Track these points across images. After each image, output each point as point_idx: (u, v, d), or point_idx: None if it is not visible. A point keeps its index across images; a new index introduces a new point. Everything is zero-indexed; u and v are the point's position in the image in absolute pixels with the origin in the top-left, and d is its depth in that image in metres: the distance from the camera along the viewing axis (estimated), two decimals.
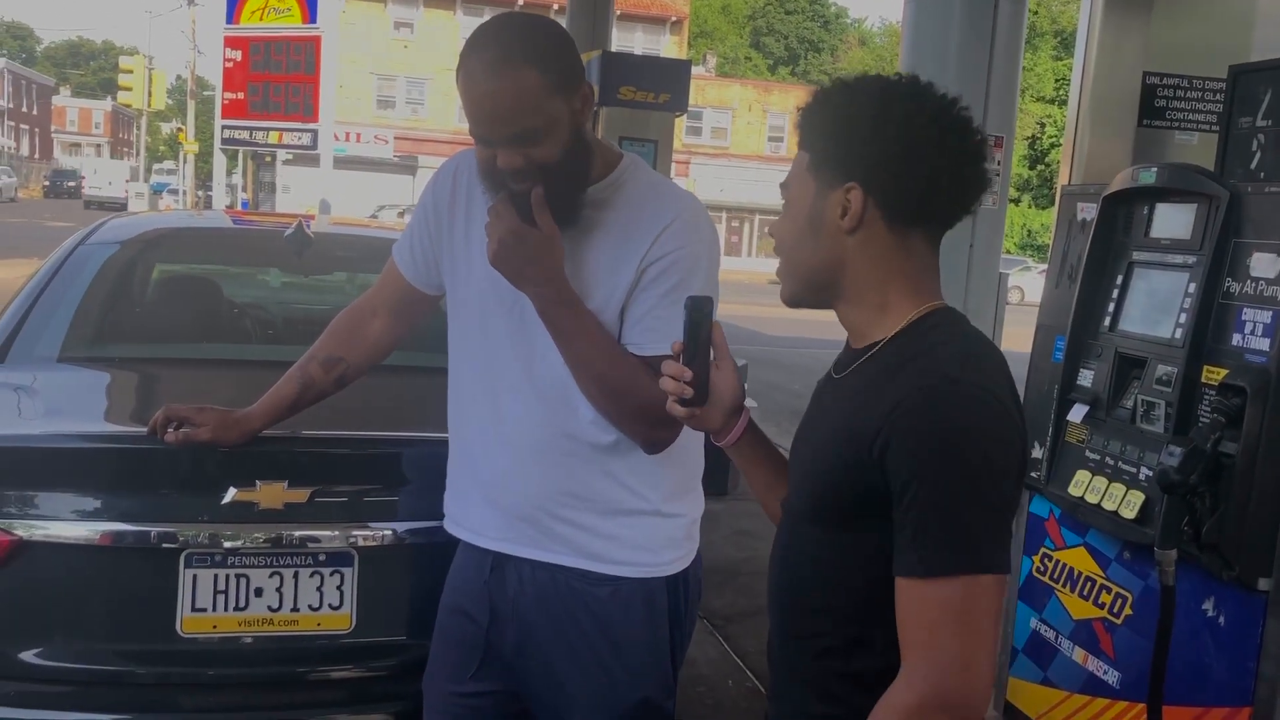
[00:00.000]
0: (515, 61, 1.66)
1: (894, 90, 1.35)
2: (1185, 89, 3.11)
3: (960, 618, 1.21)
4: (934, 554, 1.22)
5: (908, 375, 1.28)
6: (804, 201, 1.37)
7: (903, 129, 1.30)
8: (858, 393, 1.33)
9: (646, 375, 1.75)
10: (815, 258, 1.37)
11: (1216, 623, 2.35)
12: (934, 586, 1.22)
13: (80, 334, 2.87)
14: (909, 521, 1.23)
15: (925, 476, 1.22)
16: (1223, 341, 2.33)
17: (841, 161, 1.33)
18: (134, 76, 29.03)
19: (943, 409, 1.23)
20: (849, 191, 1.32)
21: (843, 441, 1.31)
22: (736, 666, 4.00)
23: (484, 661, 1.90)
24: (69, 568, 2.11)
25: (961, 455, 1.22)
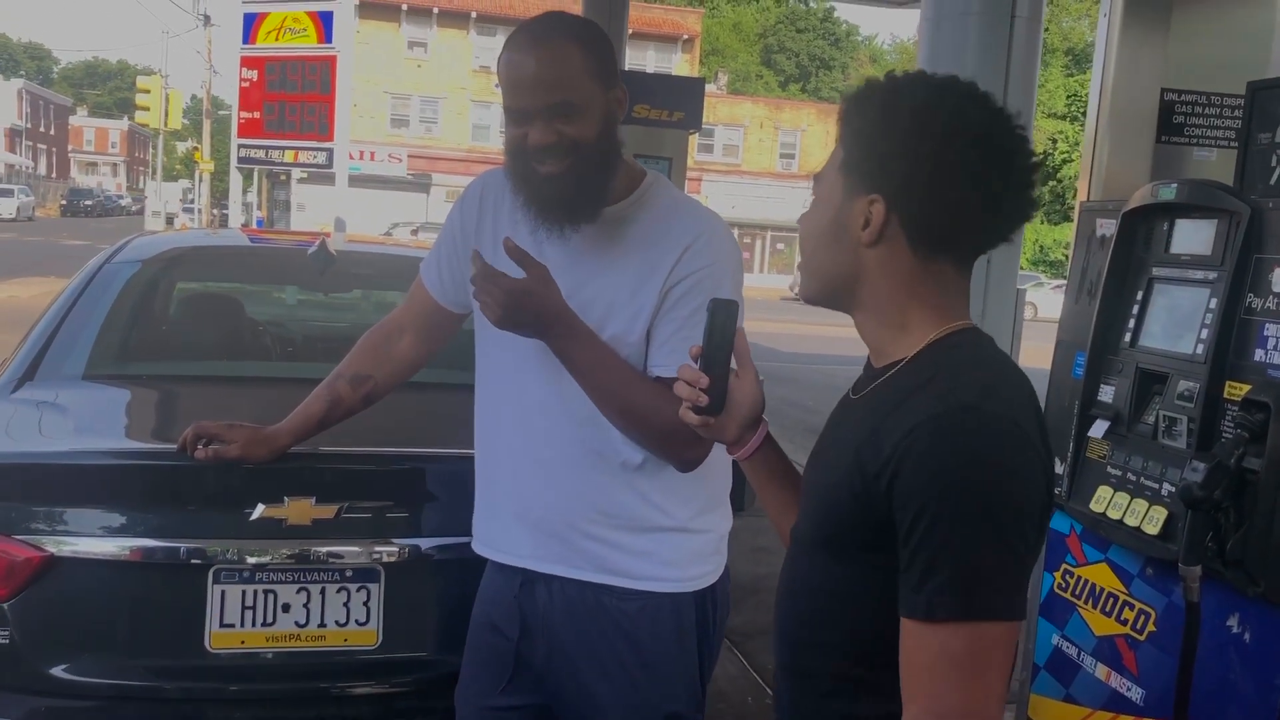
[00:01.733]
0: (557, 37, 1.73)
1: (941, 99, 1.23)
2: (1203, 105, 3.11)
3: (965, 667, 1.13)
4: (941, 597, 1.12)
5: (922, 401, 1.18)
6: (831, 202, 1.29)
7: (939, 148, 1.20)
8: (870, 417, 1.24)
9: (669, 397, 1.75)
10: (834, 263, 1.29)
11: (1242, 639, 2.34)
12: (939, 631, 1.13)
13: (106, 351, 2.90)
14: (917, 560, 1.14)
15: (935, 512, 1.12)
16: (1245, 357, 2.33)
17: (869, 170, 1.24)
18: (151, 96, 29.25)
19: (957, 439, 1.14)
20: (873, 203, 1.23)
21: (852, 469, 1.21)
22: (755, 683, 4.00)
23: (515, 675, 1.92)
24: (99, 583, 2.13)
25: (976, 490, 1.12)
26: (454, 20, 37.83)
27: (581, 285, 1.80)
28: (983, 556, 1.12)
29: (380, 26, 36.95)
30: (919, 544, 1.14)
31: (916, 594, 1.14)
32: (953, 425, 1.14)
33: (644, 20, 36.96)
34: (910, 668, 1.16)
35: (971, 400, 1.16)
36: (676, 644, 1.88)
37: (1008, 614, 1.14)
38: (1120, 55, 3.10)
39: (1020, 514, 1.14)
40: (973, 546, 1.12)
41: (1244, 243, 2.35)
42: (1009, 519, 1.13)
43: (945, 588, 1.12)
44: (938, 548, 1.12)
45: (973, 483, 1.12)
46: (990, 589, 1.13)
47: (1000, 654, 1.14)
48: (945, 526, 1.12)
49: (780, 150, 42.26)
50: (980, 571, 1.12)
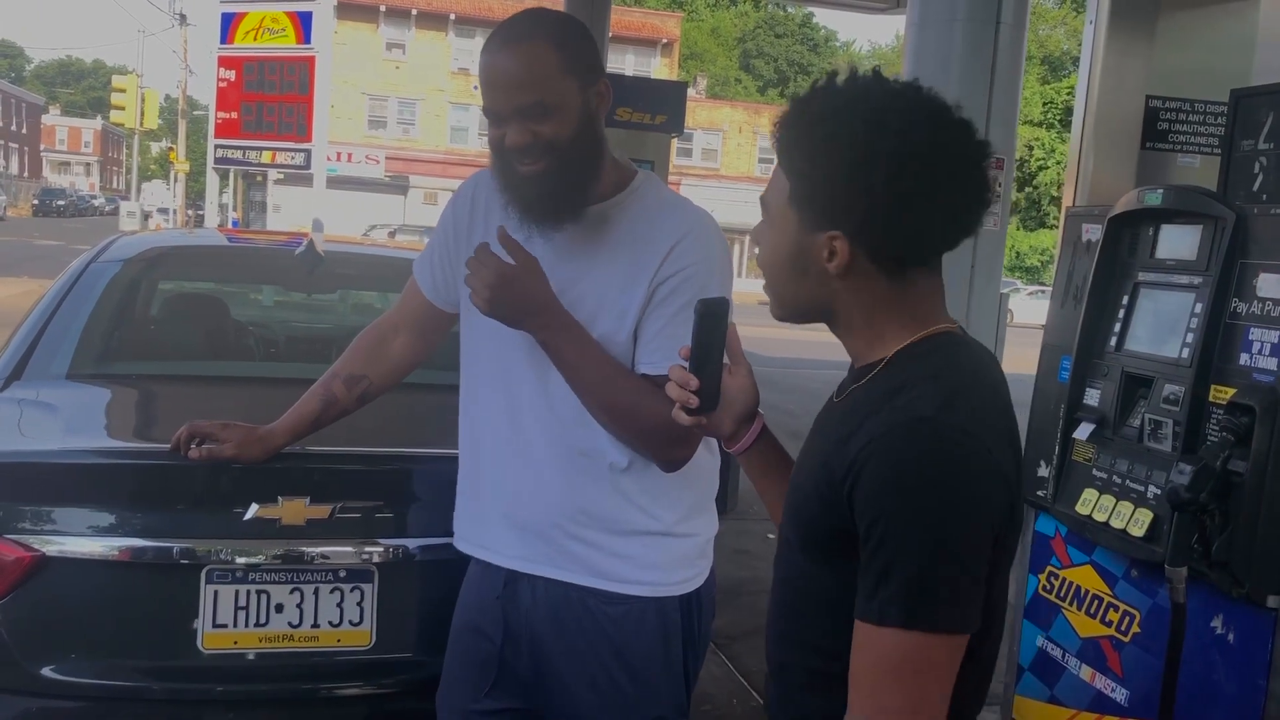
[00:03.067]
0: (530, 37, 1.73)
1: (882, 124, 1.19)
2: (1188, 112, 3.16)
3: (905, 674, 1.14)
4: (886, 604, 1.14)
5: (884, 412, 1.19)
6: (786, 234, 1.27)
7: (893, 174, 1.18)
8: (842, 425, 1.24)
9: (655, 395, 1.75)
10: (804, 294, 1.29)
11: (1226, 640, 2.37)
12: (883, 636, 1.15)
13: (93, 351, 2.88)
14: (872, 566, 1.15)
15: (887, 523, 1.14)
16: (1230, 361, 2.36)
17: (824, 208, 1.22)
18: (126, 96, 29.04)
19: (909, 452, 1.15)
20: (833, 239, 1.22)
21: (820, 476, 1.23)
22: (741, 686, 4.01)
23: (498, 679, 1.91)
24: (91, 584, 2.12)
25: (925, 503, 1.13)
26: (432, 22, 37.73)
27: (570, 283, 1.80)
28: (930, 568, 1.13)
29: (358, 28, 36.81)
30: (874, 551, 1.15)
31: (869, 600, 1.16)
32: (907, 437, 1.16)
33: (623, 24, 36.99)
34: (855, 669, 1.18)
35: (928, 412, 1.17)
36: (661, 648, 1.88)
37: (951, 627, 1.15)
38: (1106, 62, 3.14)
39: (970, 527, 1.15)
40: (921, 558, 1.13)
41: (1229, 248, 2.38)
42: (958, 532, 1.14)
43: (894, 596, 1.13)
44: (890, 557, 1.14)
45: (922, 496, 1.14)
46: (935, 601, 1.14)
47: (941, 666, 1.15)
48: (896, 538, 1.13)
49: (759, 155, 42.34)
50: (926, 583, 1.13)
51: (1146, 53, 3.15)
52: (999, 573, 1.24)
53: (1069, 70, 41.29)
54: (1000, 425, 1.22)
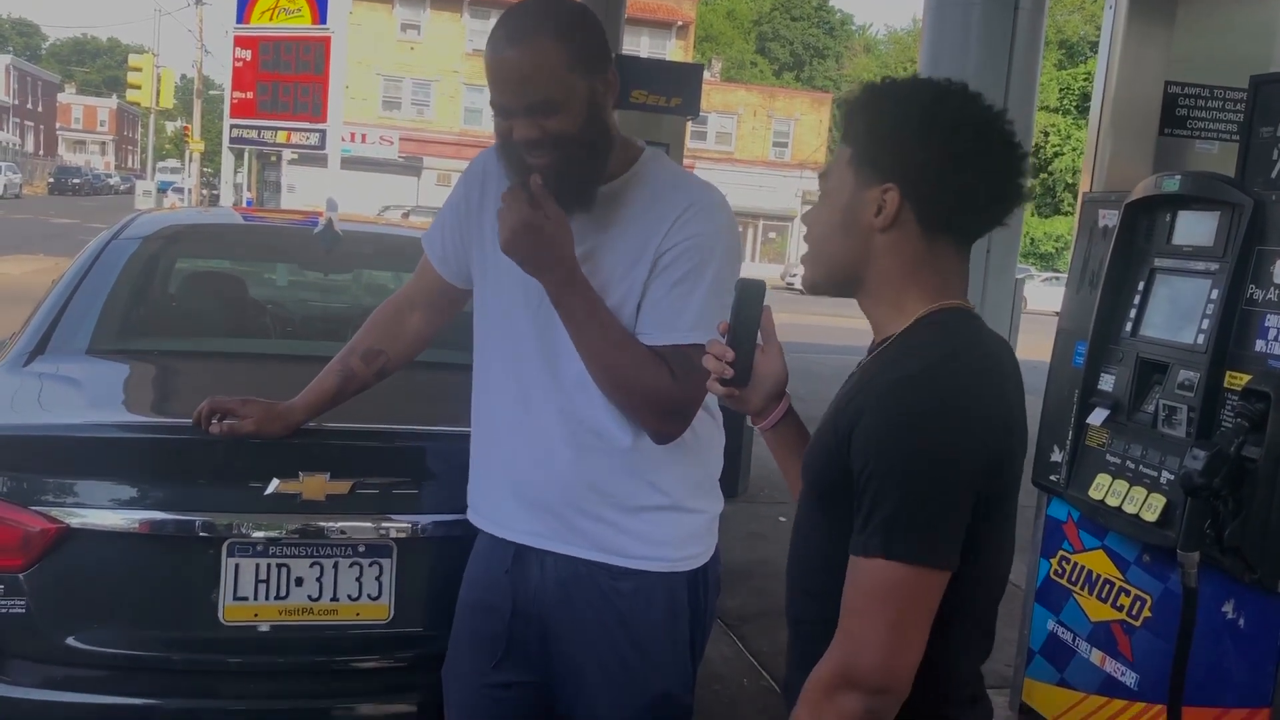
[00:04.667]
0: (536, 31, 1.71)
1: (945, 97, 1.36)
2: (1206, 98, 3.15)
3: (884, 601, 1.25)
4: (870, 536, 1.26)
5: (892, 368, 1.32)
6: (841, 195, 1.39)
7: (950, 138, 1.32)
8: (854, 386, 1.38)
9: (657, 365, 1.77)
10: (843, 251, 1.40)
11: (1237, 625, 2.38)
12: (866, 566, 1.26)
13: (115, 327, 2.91)
14: (862, 506, 1.27)
15: (874, 467, 1.26)
16: (1245, 347, 2.36)
17: (883, 161, 1.35)
18: (142, 75, 29.07)
19: (899, 403, 1.27)
20: (886, 192, 1.35)
21: (830, 430, 1.35)
22: (751, 666, 4.04)
23: (506, 653, 1.92)
24: (114, 555, 2.15)
25: (908, 447, 1.25)
26: (447, 3, 37.65)
27: (581, 260, 1.81)
28: (908, 506, 1.24)
29: (373, 8, 36.76)
30: (862, 492, 1.28)
31: (859, 534, 1.28)
32: (898, 392, 1.28)
33: (639, 6, 36.83)
34: (845, 598, 1.29)
35: (921, 370, 1.29)
36: (668, 623, 1.89)
37: (927, 560, 1.25)
38: (1125, 48, 3.13)
39: (946, 474, 1.26)
40: (900, 497, 1.24)
41: (1246, 235, 2.38)
42: (935, 476, 1.25)
43: (877, 528, 1.25)
44: (875, 495, 1.26)
45: (905, 441, 1.26)
46: (912, 534, 1.25)
47: (916, 599, 1.25)
48: (881, 478, 1.26)
49: (773, 139, 42.23)
50: (905, 518, 1.24)
51: (1166, 38, 3.14)
52: (998, 535, 1.34)
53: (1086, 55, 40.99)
54: (991, 389, 1.32)
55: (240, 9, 16.01)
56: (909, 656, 1.25)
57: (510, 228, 1.73)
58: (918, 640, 1.26)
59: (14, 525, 2.07)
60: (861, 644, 1.25)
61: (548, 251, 1.75)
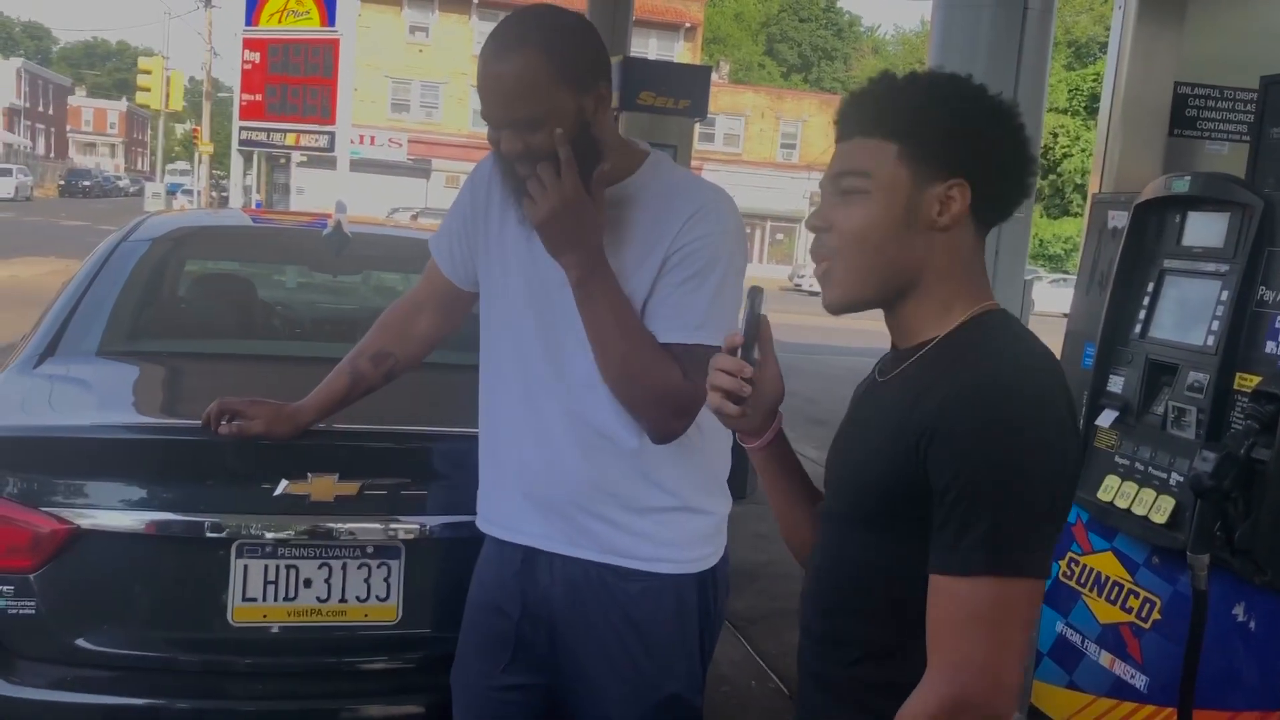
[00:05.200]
0: (523, 47, 1.69)
1: (984, 90, 1.32)
2: (1216, 99, 3.13)
3: (991, 620, 1.18)
4: (970, 553, 1.19)
5: (960, 373, 1.24)
6: (893, 195, 1.29)
7: (1014, 135, 1.31)
8: (906, 391, 1.29)
9: (668, 361, 1.77)
10: (901, 255, 1.31)
11: (1247, 627, 2.37)
12: (967, 585, 1.19)
13: (124, 328, 2.92)
14: (952, 519, 1.20)
15: (968, 474, 1.19)
16: (1255, 349, 2.35)
17: (952, 157, 1.28)
18: (152, 77, 29.16)
19: (992, 407, 1.20)
20: (953, 187, 1.28)
21: (888, 442, 1.27)
22: (759, 668, 4.03)
23: (515, 655, 1.92)
24: (124, 556, 2.16)
25: (1007, 454, 1.19)
26: (455, 5, 37.70)
27: None
28: (1010, 515, 1.18)
29: (381, 11, 36.83)
30: (954, 504, 1.20)
31: (950, 551, 1.21)
32: (990, 396, 1.21)
33: (647, 8, 36.82)
34: (936, 623, 1.22)
35: (1005, 373, 1.24)
36: (677, 625, 1.89)
37: (1033, 571, 1.20)
38: (1134, 48, 3.11)
39: (1049, 479, 1.21)
40: (1000, 505, 1.18)
41: (1257, 236, 2.37)
42: (1038, 482, 1.20)
43: (978, 544, 1.18)
44: (968, 506, 1.19)
45: (1006, 448, 1.19)
46: (1018, 547, 1.19)
47: (1024, 611, 1.21)
48: (975, 487, 1.19)
49: (781, 140, 42.20)
50: (1009, 530, 1.18)
51: (1175, 39, 3.12)
52: (1064, 521, 1.31)
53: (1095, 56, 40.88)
54: (1066, 393, 1.29)
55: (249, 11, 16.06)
56: (1018, 674, 1.21)
57: (560, 199, 1.69)
58: (1024, 656, 1.22)
59: (24, 526, 2.08)
60: (973, 668, 1.19)
61: (582, 234, 1.73)
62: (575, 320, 1.80)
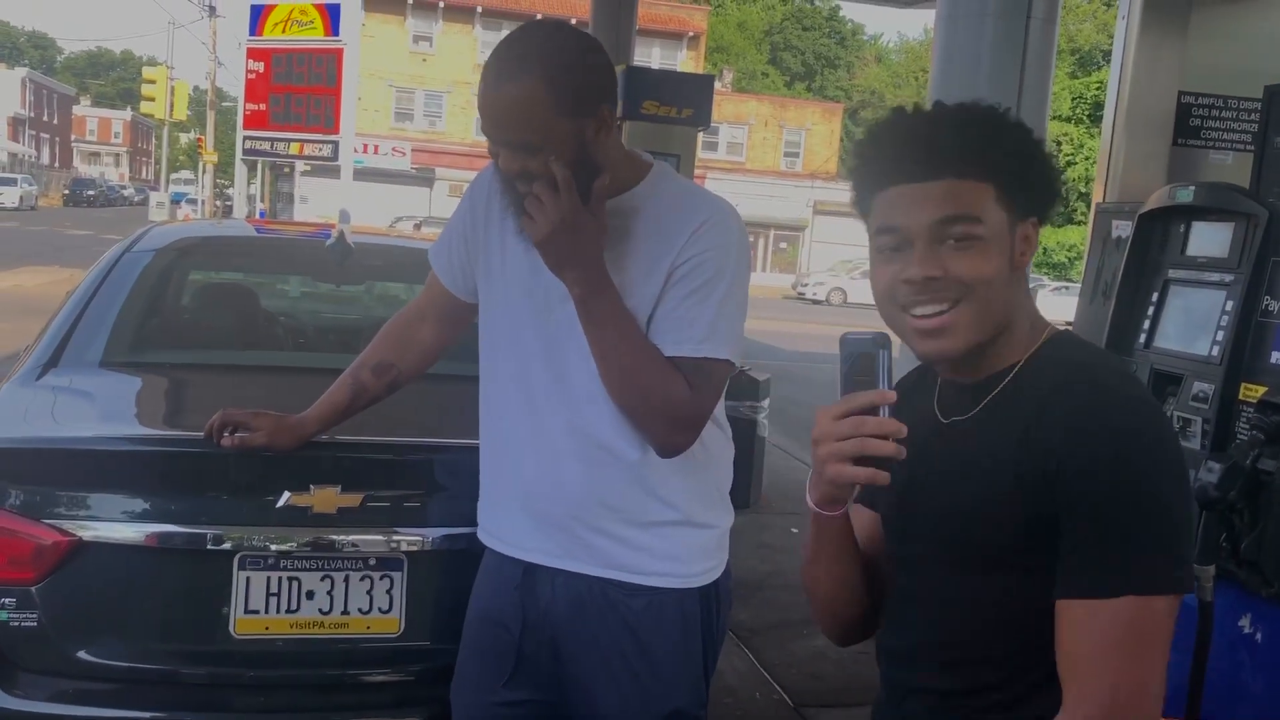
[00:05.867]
0: (523, 73, 1.67)
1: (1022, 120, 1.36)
2: (1220, 108, 3.13)
3: (1134, 641, 1.15)
4: (1107, 574, 1.15)
5: (1065, 395, 1.21)
6: (1004, 238, 1.26)
7: (1053, 165, 1.33)
8: (1008, 426, 1.25)
9: (674, 374, 1.75)
10: (1011, 295, 1.28)
11: (1253, 639, 2.36)
12: (1106, 608, 1.15)
13: (128, 339, 2.91)
14: (1081, 541, 1.17)
15: (1106, 494, 1.16)
16: (1261, 359, 2.35)
17: (1033, 195, 1.29)
18: (156, 87, 29.26)
19: (1122, 424, 1.18)
20: (1032, 225, 1.29)
21: (1005, 477, 1.22)
22: (763, 679, 4.02)
23: (516, 670, 1.91)
24: (126, 568, 2.15)
25: (1148, 471, 1.16)
26: (459, 15, 37.79)
27: None
28: (1146, 528, 1.15)
29: (385, 20, 36.93)
30: (1082, 525, 1.17)
31: (1086, 574, 1.17)
32: (1116, 414, 1.19)
33: (650, 17, 36.90)
34: (1074, 650, 1.17)
35: (1120, 387, 1.22)
36: (681, 640, 1.88)
37: (1175, 587, 1.17)
38: (1138, 58, 3.12)
39: (1181, 487, 1.19)
40: (1136, 519, 1.15)
41: (1262, 245, 2.37)
42: (1173, 494, 1.18)
43: (1111, 564, 1.15)
44: (1102, 525, 1.15)
45: (1144, 465, 1.16)
46: (1156, 560, 1.16)
47: (1167, 628, 1.16)
48: (1108, 504, 1.15)
49: (784, 149, 42.22)
50: (1145, 544, 1.15)
51: (1179, 48, 3.12)
52: None
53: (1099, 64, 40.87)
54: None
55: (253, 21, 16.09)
56: (1163, 691, 1.17)
57: (552, 223, 1.69)
58: (1165, 676, 1.17)
59: (26, 538, 2.08)
60: (1121, 692, 1.15)
61: (584, 252, 1.72)
62: (577, 332, 1.79)
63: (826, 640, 1.51)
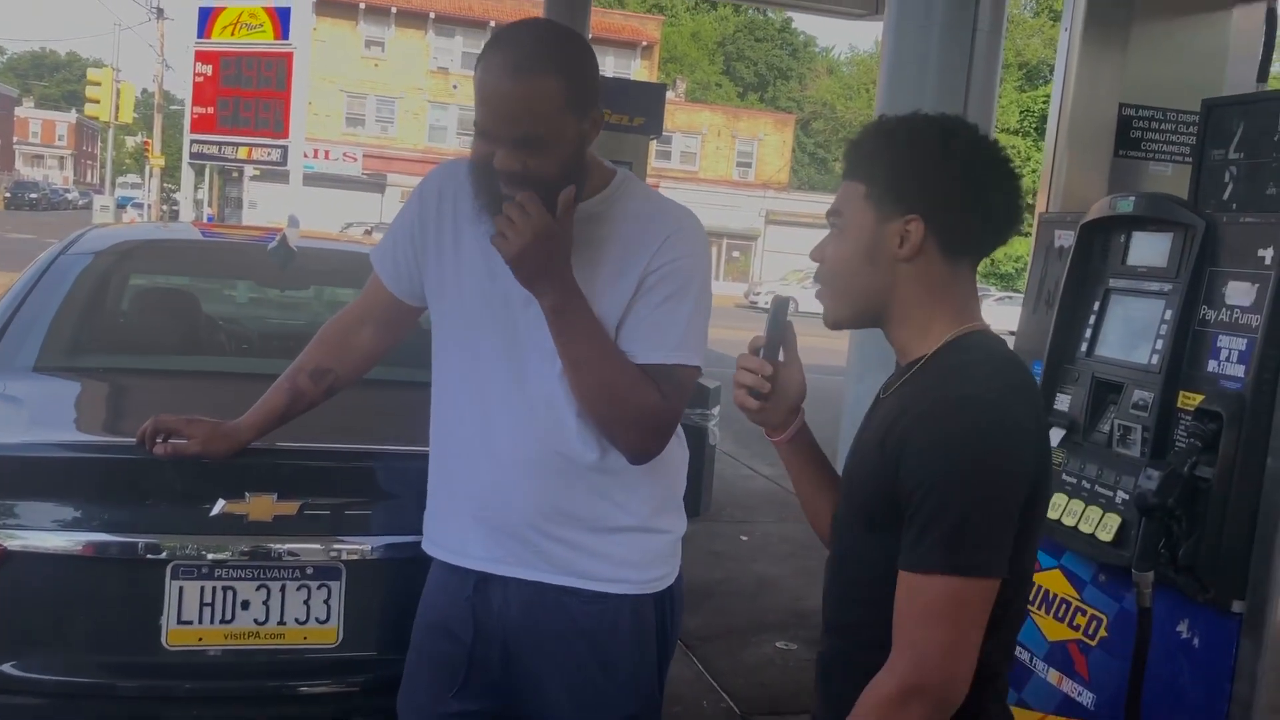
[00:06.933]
0: (541, 67, 1.66)
1: (956, 130, 1.45)
2: (1160, 121, 3.18)
3: (946, 615, 1.31)
4: (929, 552, 1.31)
5: (931, 389, 1.39)
6: (861, 230, 1.46)
7: (965, 167, 1.42)
8: (895, 409, 1.43)
9: (645, 382, 1.76)
10: (870, 283, 1.48)
11: (1191, 645, 2.38)
12: (927, 582, 1.31)
13: (60, 344, 2.85)
14: (915, 522, 1.33)
15: (931, 482, 1.32)
16: (1198, 367, 2.37)
17: (905, 194, 1.43)
18: (101, 89, 28.78)
19: (955, 420, 1.34)
20: (909, 223, 1.43)
21: (877, 454, 1.41)
22: (710, 687, 4.01)
23: (467, 680, 1.89)
24: (54, 579, 2.09)
25: (968, 464, 1.31)
26: (412, 20, 37.60)
27: None
28: (967, 519, 1.30)
29: (337, 25, 36.64)
30: (918, 507, 1.33)
31: (912, 550, 1.33)
32: (949, 411, 1.35)
33: (604, 26, 36.98)
34: (899, 616, 1.34)
35: (970, 390, 1.37)
36: (636, 646, 1.87)
37: (985, 571, 1.32)
38: (1080, 69, 3.16)
39: (1004, 485, 1.33)
40: (959, 511, 1.30)
41: (1199, 256, 2.40)
42: (993, 488, 1.32)
43: (935, 544, 1.31)
44: (931, 511, 1.31)
45: (965, 458, 1.32)
46: (973, 547, 1.31)
47: (974, 609, 1.32)
48: (940, 493, 1.31)
49: (737, 159, 42.47)
50: (964, 532, 1.30)
51: (1120, 61, 3.17)
52: (1030, 539, 1.41)
53: (1046, 78, 41.51)
54: (1030, 401, 1.42)
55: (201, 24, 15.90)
56: (970, 665, 1.32)
57: (532, 234, 1.68)
58: (976, 648, 1.32)
59: None
60: (928, 657, 1.31)
61: (557, 261, 1.71)
62: (538, 336, 1.78)
63: (775, 648, 1.59)
